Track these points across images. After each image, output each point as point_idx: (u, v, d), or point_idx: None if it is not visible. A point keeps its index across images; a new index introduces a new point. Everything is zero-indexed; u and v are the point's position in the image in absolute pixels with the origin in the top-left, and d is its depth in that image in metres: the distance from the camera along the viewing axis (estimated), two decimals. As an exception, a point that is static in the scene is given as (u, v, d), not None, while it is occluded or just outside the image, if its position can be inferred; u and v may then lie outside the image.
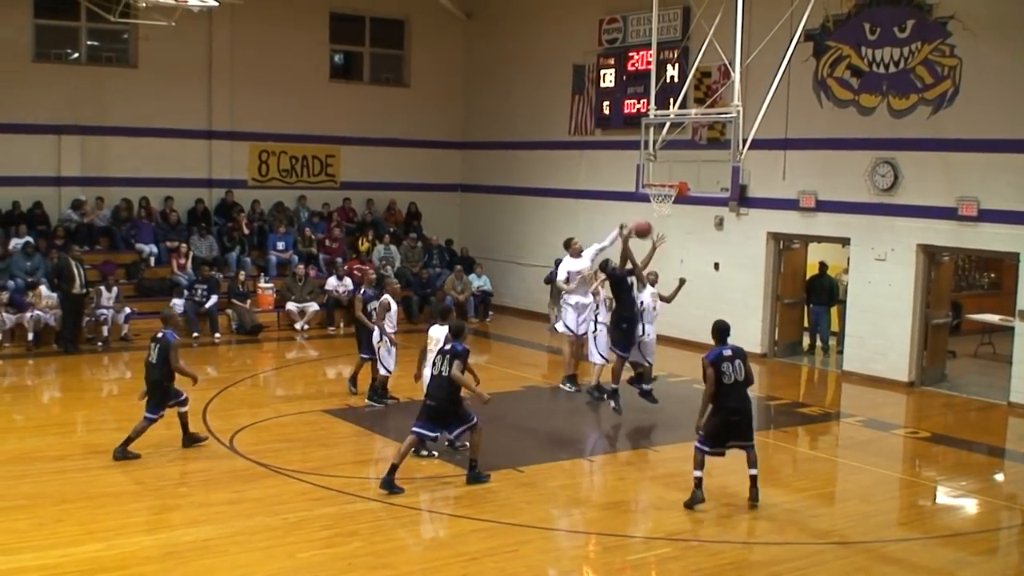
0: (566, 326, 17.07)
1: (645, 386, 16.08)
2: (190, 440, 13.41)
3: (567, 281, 16.84)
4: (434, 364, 12.13)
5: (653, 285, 16.12)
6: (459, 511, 11.38)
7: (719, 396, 11.51)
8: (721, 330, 11.85)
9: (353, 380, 16.59)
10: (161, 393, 13.04)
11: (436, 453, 13.06)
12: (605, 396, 15.89)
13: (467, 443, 12.55)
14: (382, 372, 15.63)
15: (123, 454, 12.81)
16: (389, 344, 15.39)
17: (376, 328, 15.48)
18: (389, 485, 11.76)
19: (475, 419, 12.13)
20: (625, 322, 15.62)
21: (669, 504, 11.97)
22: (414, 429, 12.06)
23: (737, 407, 11.62)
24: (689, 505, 11.50)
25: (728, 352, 11.62)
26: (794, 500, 12.47)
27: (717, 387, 11.45)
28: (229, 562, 9.80)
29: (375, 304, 15.71)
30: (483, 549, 10.24)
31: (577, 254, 17.14)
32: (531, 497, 11.93)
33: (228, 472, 12.55)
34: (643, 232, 16.06)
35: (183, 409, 13.36)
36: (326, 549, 10.10)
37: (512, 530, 10.80)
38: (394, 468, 11.86)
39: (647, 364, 16.09)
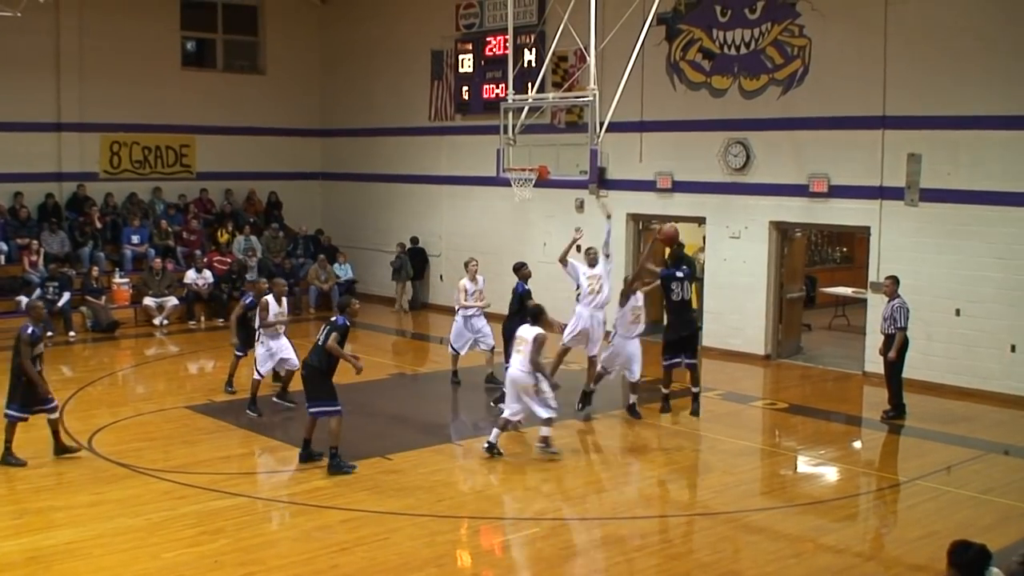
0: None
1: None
2: (61, 450, 12.83)
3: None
4: (320, 332, 12.47)
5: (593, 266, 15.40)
6: (326, 502, 11.26)
7: (670, 312, 14.30)
8: (676, 256, 14.52)
9: (230, 381, 16.21)
10: (21, 390, 12.51)
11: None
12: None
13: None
14: (254, 376, 15.12)
15: (7, 460, 12.35)
16: (269, 341, 15.07)
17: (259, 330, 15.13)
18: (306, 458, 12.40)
19: (339, 406, 12.15)
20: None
21: (537, 485, 12.08)
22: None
23: (688, 321, 14.50)
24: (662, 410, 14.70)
25: (680, 274, 13.97)
26: (659, 474, 12.72)
27: (668, 303, 14.17)
28: (93, 564, 9.54)
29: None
30: (352, 539, 10.18)
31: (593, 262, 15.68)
32: (400, 484, 11.90)
33: (88, 474, 12.19)
34: (670, 239, 15.04)
35: (52, 416, 12.80)
36: (192, 548, 9.91)
37: (381, 518, 10.76)
38: (306, 443, 12.47)
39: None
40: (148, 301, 22.69)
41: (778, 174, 18.90)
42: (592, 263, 15.26)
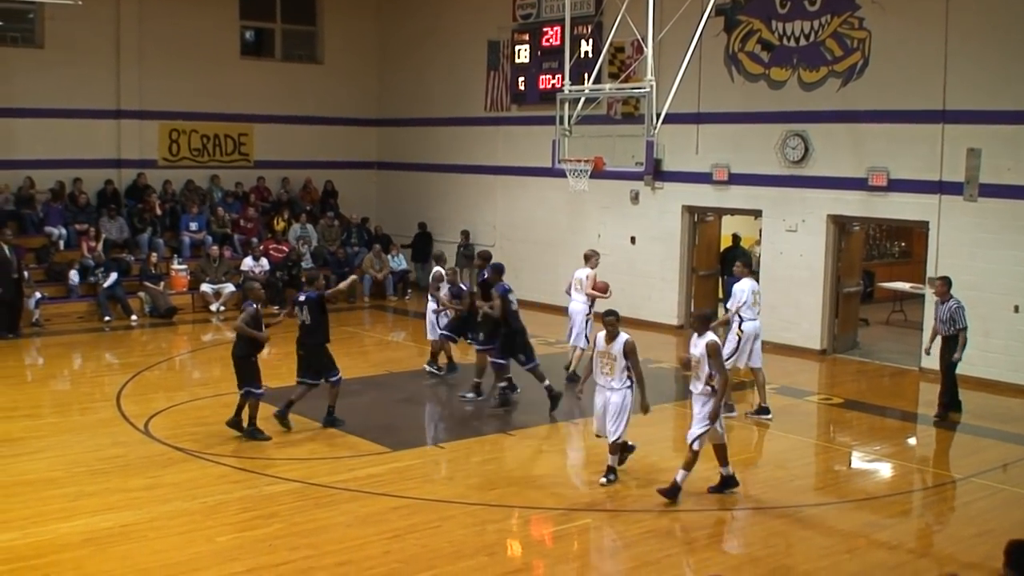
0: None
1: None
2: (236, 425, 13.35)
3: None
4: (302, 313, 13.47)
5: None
6: (379, 489, 11.34)
7: (508, 319, 14.54)
8: (497, 269, 14.99)
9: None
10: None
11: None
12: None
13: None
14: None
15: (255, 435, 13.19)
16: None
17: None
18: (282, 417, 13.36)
19: (337, 373, 13.54)
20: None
21: (589, 476, 12.08)
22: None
23: (520, 328, 14.69)
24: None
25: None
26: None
27: (506, 313, 14.48)
28: (148, 547, 9.67)
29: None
30: (405, 526, 10.24)
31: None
32: (452, 473, 11.96)
33: (144, 457, 12.36)
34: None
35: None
36: (246, 532, 10.03)
37: (433, 506, 10.82)
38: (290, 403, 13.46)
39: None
40: (205, 288, 22.94)
41: (836, 167, 18.71)
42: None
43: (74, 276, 21.58)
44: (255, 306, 13.22)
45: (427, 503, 10.89)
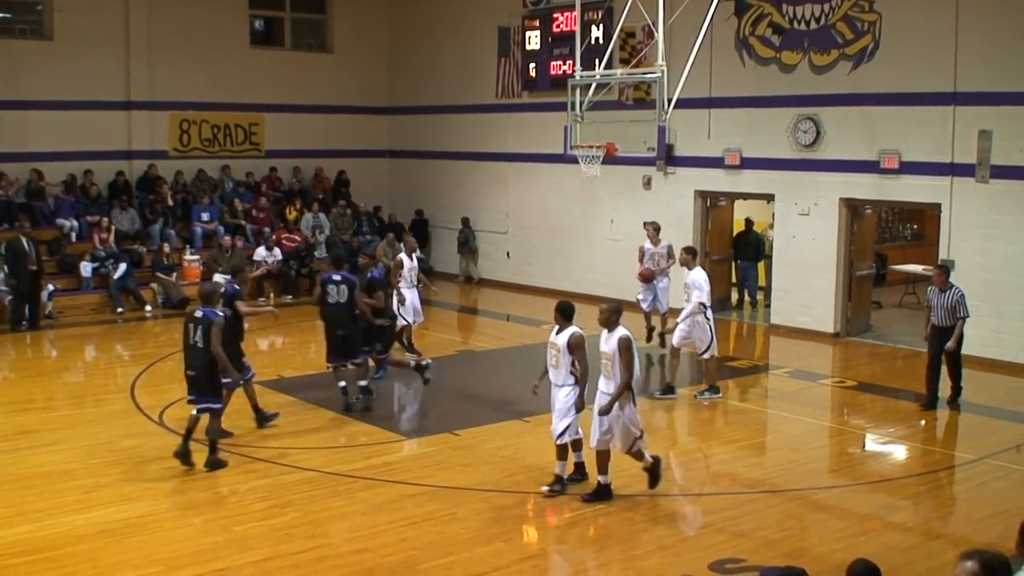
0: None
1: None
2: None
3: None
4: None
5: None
6: (395, 477, 11.37)
7: (322, 312, 13.93)
8: (336, 259, 14.58)
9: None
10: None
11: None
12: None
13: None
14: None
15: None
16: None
17: None
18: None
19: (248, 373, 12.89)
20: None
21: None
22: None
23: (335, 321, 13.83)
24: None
25: (337, 277, 13.74)
26: (725, 451, 12.67)
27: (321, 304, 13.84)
28: (164, 538, 9.72)
29: None
30: (421, 514, 10.27)
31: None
32: (467, 460, 11.98)
33: (159, 448, 12.38)
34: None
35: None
36: (262, 521, 10.06)
37: (449, 493, 10.85)
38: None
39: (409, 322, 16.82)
40: (218, 278, 22.94)
41: (848, 150, 18.65)
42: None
43: (86, 268, 21.65)
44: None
45: (443, 490, 10.92)
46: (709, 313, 14.62)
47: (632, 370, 10.31)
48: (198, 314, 11.65)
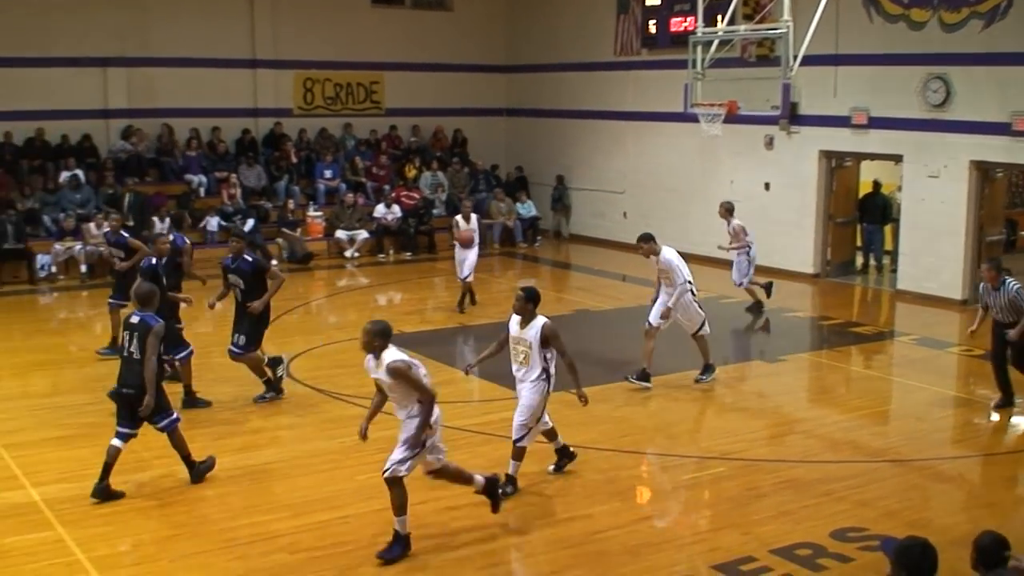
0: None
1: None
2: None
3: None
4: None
5: None
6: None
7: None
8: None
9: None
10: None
11: None
12: None
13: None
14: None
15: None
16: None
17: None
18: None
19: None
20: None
21: (722, 425, 12.01)
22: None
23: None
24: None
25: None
26: (848, 419, 12.47)
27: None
28: (291, 484, 10.00)
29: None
30: (538, 471, 10.33)
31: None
32: (585, 418, 11.99)
33: (287, 397, 12.73)
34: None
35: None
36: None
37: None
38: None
39: None
40: (340, 234, 23.38)
41: (979, 111, 18.05)
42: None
43: (212, 223, 22.17)
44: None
45: (560, 448, 10.96)
46: (695, 290, 13.58)
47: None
48: (134, 320, 9.81)
